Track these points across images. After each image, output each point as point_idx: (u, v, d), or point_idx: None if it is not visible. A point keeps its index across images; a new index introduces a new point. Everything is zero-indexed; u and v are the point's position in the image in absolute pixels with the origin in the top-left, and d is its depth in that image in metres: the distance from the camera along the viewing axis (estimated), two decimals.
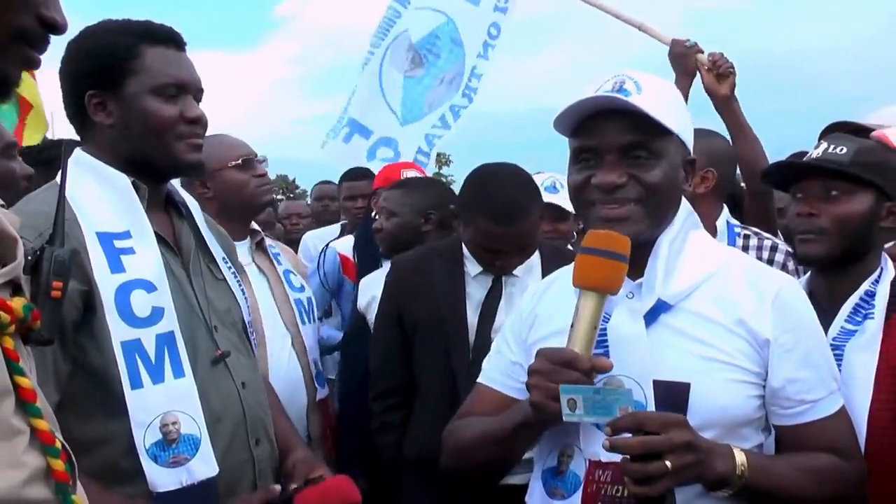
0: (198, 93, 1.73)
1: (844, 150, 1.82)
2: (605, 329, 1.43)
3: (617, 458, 1.37)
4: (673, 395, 1.40)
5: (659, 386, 1.40)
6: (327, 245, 3.82)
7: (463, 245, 2.50)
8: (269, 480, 1.75)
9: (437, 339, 2.41)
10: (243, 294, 1.87)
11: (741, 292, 1.46)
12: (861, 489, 1.53)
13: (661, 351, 1.43)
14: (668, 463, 1.27)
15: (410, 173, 3.85)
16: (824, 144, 1.87)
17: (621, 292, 1.47)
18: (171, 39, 1.71)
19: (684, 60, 3.17)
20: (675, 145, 1.47)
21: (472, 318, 2.39)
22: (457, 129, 4.44)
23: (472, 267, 2.46)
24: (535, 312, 1.62)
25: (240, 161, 2.59)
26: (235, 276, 1.88)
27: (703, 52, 3.15)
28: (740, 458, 1.35)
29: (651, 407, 1.39)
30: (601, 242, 1.38)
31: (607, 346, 1.43)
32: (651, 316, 1.45)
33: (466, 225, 2.45)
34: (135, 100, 1.65)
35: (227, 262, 1.86)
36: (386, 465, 2.61)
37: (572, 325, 1.36)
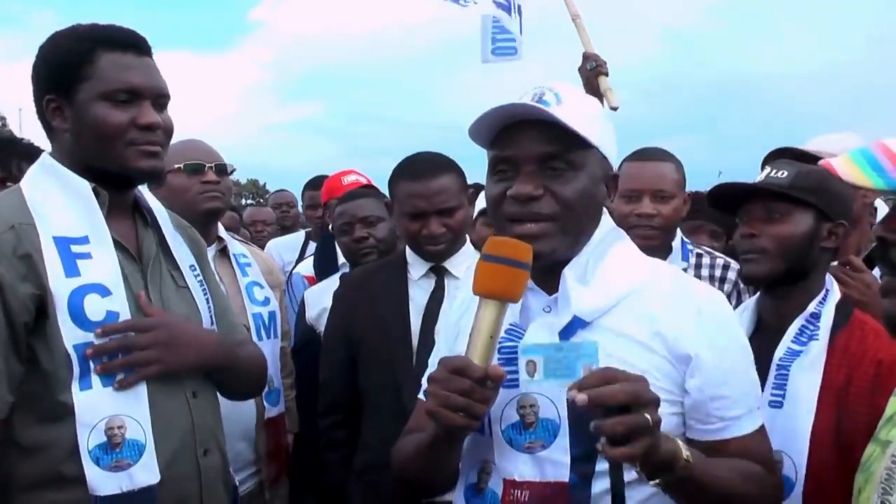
0: (159, 98, 1.70)
1: (785, 173, 1.88)
2: (518, 346, 1.38)
3: (532, 477, 1.36)
4: (586, 413, 1.32)
5: (571, 404, 1.33)
6: (291, 272, 3.85)
7: (407, 254, 2.51)
8: (218, 492, 1.74)
9: (382, 346, 2.40)
10: (207, 303, 1.85)
11: (664, 307, 1.42)
12: (778, 498, 1.56)
13: None
14: (647, 416, 1.19)
15: (351, 178, 3.85)
16: (767, 169, 1.93)
17: (538, 306, 1.46)
18: (130, 44, 1.68)
19: (586, 80, 3.19)
20: (596, 159, 1.45)
21: (416, 322, 2.39)
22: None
23: (414, 271, 2.47)
24: (459, 324, 1.57)
25: (182, 165, 2.49)
26: (202, 284, 1.85)
27: (606, 75, 3.17)
28: (683, 449, 1.30)
29: (565, 426, 1.38)
30: (501, 250, 1.33)
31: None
32: (567, 332, 1.41)
33: (394, 201, 2.48)
34: (85, 105, 1.64)
35: (194, 270, 1.85)
36: (332, 481, 2.60)
37: (471, 334, 1.32)
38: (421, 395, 1.64)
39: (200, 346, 1.73)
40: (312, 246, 4.53)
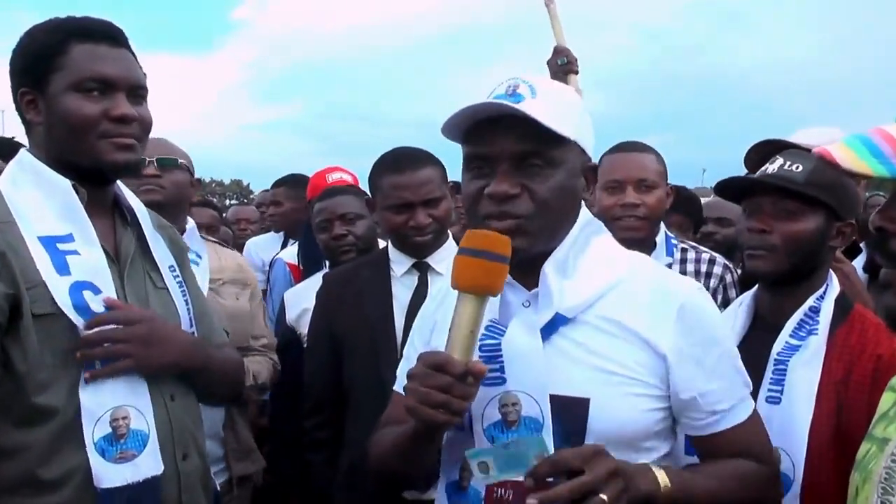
0: (135, 89, 1.66)
1: (800, 168, 1.82)
2: (499, 344, 1.39)
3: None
4: (571, 411, 1.35)
5: (556, 401, 1.35)
6: (274, 259, 3.85)
7: (390, 251, 2.50)
8: (197, 496, 1.70)
9: (366, 344, 2.39)
10: (186, 304, 1.82)
11: (644, 303, 1.41)
12: (776, 492, 1.56)
13: (559, 365, 1.38)
14: (604, 497, 1.21)
15: (336, 176, 3.83)
16: (780, 160, 1.87)
17: (517, 301, 1.45)
18: (104, 35, 1.64)
19: (553, 76, 3.08)
20: (574, 153, 1.42)
21: (400, 319, 2.37)
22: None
23: (397, 268, 2.46)
24: (435, 317, 1.57)
25: None
26: (181, 286, 1.82)
27: (576, 73, 3.10)
28: (661, 477, 1.32)
29: (548, 423, 1.35)
30: (480, 242, 1.30)
31: (502, 361, 1.38)
32: (549, 329, 1.40)
33: (377, 195, 2.47)
34: (56, 97, 1.60)
35: (174, 271, 1.81)
36: (317, 482, 2.57)
37: (450, 329, 1.30)
38: (397, 388, 1.61)
39: (178, 346, 1.69)
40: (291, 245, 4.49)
